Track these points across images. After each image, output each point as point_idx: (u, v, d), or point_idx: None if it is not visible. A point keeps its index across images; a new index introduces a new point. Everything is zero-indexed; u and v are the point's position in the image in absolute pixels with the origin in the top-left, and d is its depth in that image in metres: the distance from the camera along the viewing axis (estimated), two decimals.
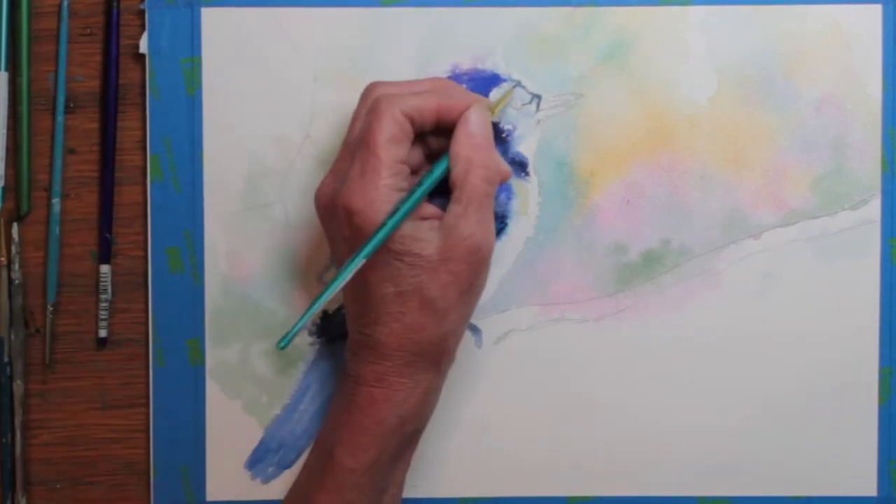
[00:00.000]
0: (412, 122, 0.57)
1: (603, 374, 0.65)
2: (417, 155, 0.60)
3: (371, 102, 0.58)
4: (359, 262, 0.55)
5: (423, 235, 0.57)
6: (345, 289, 0.58)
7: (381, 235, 0.55)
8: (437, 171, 0.58)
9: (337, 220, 0.57)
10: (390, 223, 0.55)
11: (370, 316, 0.57)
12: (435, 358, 0.58)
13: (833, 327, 0.65)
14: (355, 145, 0.57)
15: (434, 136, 0.60)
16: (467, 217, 0.57)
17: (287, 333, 0.56)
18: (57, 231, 0.65)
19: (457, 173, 0.57)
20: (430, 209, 0.58)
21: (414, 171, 0.59)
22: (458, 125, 0.58)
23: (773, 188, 0.65)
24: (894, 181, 0.65)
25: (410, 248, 0.56)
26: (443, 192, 0.59)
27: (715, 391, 0.65)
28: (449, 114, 0.58)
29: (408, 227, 0.56)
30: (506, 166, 0.59)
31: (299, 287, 0.65)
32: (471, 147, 0.57)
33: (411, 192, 0.57)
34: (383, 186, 0.56)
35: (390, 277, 0.56)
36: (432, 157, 0.60)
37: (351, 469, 0.57)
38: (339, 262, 0.59)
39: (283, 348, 0.56)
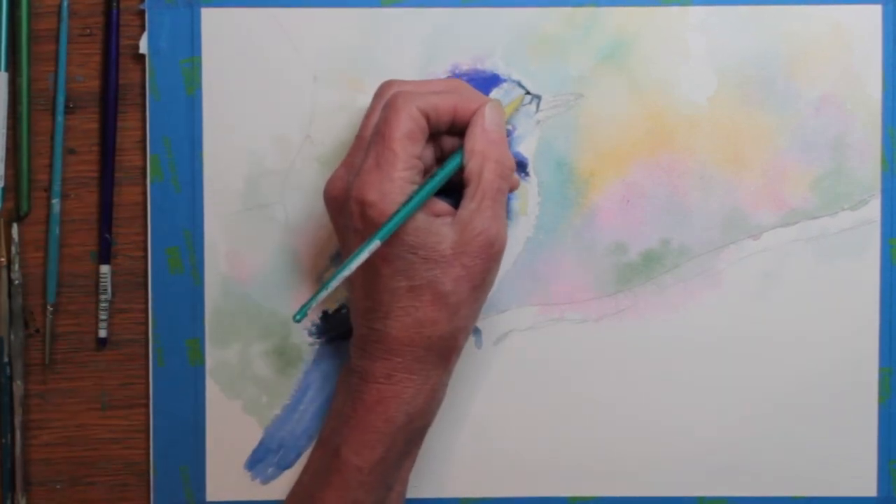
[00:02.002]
0: (428, 119, 0.57)
1: (603, 374, 0.65)
2: (429, 154, 0.60)
3: (388, 98, 0.58)
4: (374, 243, 0.55)
5: (438, 230, 0.57)
6: (353, 283, 0.58)
7: (397, 219, 0.55)
8: (451, 165, 0.58)
9: (348, 212, 0.57)
10: (406, 209, 0.55)
11: (381, 310, 0.57)
12: (444, 353, 0.58)
13: (833, 327, 0.65)
14: (370, 139, 0.57)
15: (448, 137, 0.60)
16: (482, 212, 0.57)
17: (302, 307, 0.55)
18: (57, 231, 0.65)
19: (471, 168, 0.58)
20: (442, 206, 0.58)
21: (426, 171, 0.59)
22: (473, 121, 0.58)
23: (773, 188, 0.65)
24: (894, 181, 0.65)
25: (425, 241, 0.56)
26: (450, 192, 0.59)
27: (715, 391, 0.65)
28: (464, 114, 0.58)
29: (422, 221, 0.56)
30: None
31: (299, 287, 0.65)
32: (486, 142, 0.58)
33: (425, 183, 0.57)
34: (398, 179, 0.56)
35: (403, 271, 0.56)
36: (444, 158, 0.60)
37: (358, 467, 0.57)
38: (347, 256, 0.59)
39: (298, 321, 0.56)
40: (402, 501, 0.61)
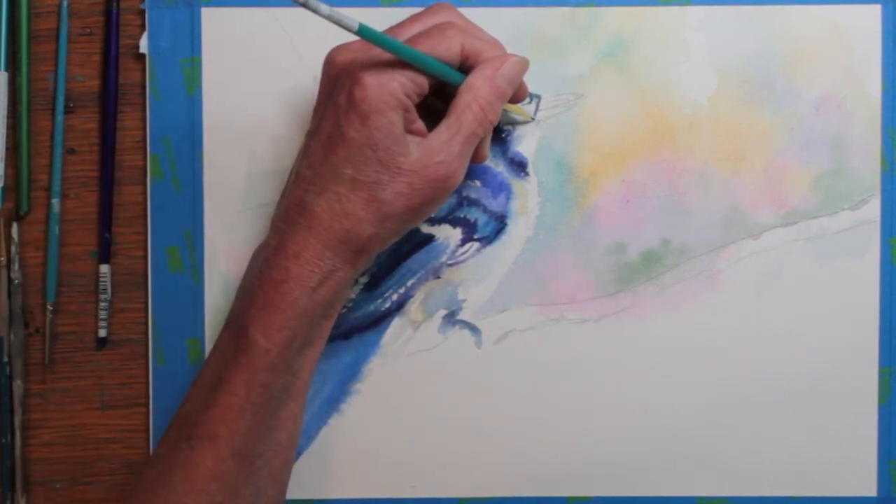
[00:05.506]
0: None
1: (602, 374, 0.65)
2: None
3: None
4: (353, 24, 0.53)
5: (406, 143, 0.57)
6: (307, 149, 0.58)
7: (378, 37, 0.55)
8: (450, 74, 0.58)
9: (340, 84, 0.57)
10: (390, 42, 0.55)
11: (317, 186, 0.57)
12: (356, 252, 0.58)
13: (833, 327, 0.65)
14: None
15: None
16: (450, 145, 0.57)
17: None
18: (57, 231, 0.65)
19: (460, 101, 0.58)
20: (419, 126, 0.58)
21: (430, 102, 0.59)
22: (488, 62, 0.58)
23: (773, 188, 0.65)
24: (894, 181, 0.65)
25: (389, 146, 0.56)
26: (432, 118, 0.59)
27: (714, 391, 0.65)
28: (475, 58, 0.58)
29: (398, 127, 0.56)
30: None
31: None
32: (487, 88, 0.58)
33: (418, 51, 0.56)
34: (399, 81, 0.56)
35: (356, 161, 0.56)
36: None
37: (265, 349, 0.57)
38: (315, 127, 0.59)
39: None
40: (305, 395, 0.60)
